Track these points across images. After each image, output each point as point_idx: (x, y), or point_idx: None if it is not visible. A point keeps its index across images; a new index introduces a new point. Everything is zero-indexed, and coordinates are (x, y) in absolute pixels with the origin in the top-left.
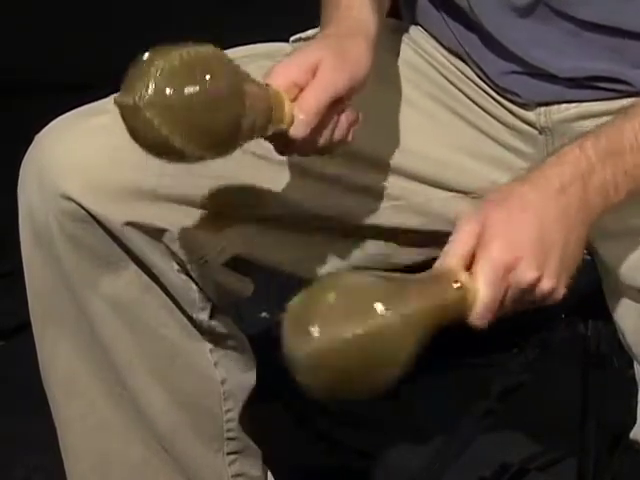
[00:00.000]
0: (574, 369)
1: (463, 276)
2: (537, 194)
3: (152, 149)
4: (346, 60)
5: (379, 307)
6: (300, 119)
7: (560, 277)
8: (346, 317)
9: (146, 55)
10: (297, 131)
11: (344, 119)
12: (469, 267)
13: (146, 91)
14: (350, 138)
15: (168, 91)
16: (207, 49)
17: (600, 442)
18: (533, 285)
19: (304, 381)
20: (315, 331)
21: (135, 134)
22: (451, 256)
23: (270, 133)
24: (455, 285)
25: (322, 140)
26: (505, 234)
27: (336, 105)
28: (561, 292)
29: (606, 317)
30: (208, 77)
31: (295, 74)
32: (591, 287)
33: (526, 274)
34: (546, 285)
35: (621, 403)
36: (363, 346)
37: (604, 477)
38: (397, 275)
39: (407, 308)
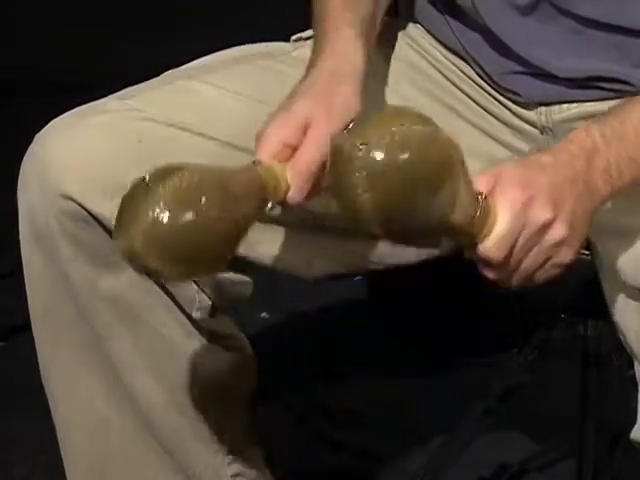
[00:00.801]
0: (574, 369)
1: (483, 202)
2: (548, 158)
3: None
4: (335, 112)
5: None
6: (296, 185)
7: (573, 228)
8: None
9: (132, 192)
10: (295, 197)
11: None
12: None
13: (140, 235)
14: None
15: (161, 233)
16: (190, 175)
17: (600, 442)
18: (547, 225)
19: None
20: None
21: (135, 269)
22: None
23: (269, 209)
24: (480, 197)
25: (319, 190)
26: (520, 178)
27: None
28: (572, 249)
29: (606, 317)
30: (199, 208)
31: (286, 136)
32: (591, 287)
33: (541, 213)
34: (559, 231)
35: (621, 403)
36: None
37: (604, 477)
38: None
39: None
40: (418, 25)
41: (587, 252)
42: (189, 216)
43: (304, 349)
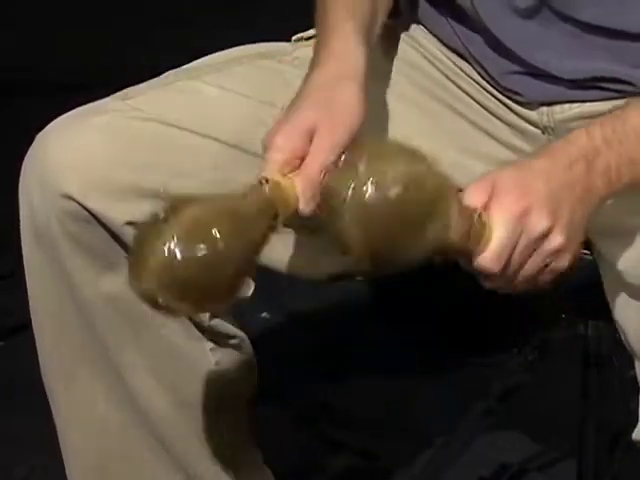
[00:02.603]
0: (574, 369)
1: (479, 215)
2: (546, 163)
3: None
4: (340, 115)
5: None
6: (306, 196)
7: (570, 236)
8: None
9: (141, 233)
10: (306, 208)
11: None
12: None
13: (156, 279)
14: None
15: (176, 275)
16: (194, 210)
17: (600, 442)
18: (545, 235)
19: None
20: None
21: (153, 308)
22: (467, 200)
23: (281, 224)
24: (474, 219)
25: None
26: (516, 187)
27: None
28: (570, 254)
29: (606, 317)
30: (210, 242)
31: (292, 146)
32: (591, 287)
33: (538, 222)
34: (556, 239)
35: (621, 403)
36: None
37: (604, 477)
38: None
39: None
40: (420, 25)
41: (587, 252)
42: (203, 251)
43: (304, 349)
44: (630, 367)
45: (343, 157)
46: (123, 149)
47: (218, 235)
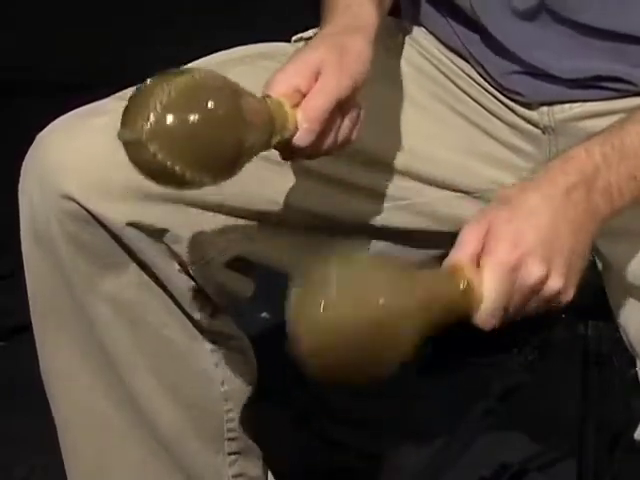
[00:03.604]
0: (574, 369)
1: (470, 275)
2: (542, 197)
3: (157, 179)
4: (347, 60)
5: (381, 300)
6: (304, 128)
7: (568, 276)
8: (351, 303)
9: (143, 86)
10: (302, 140)
11: (347, 119)
12: (476, 268)
13: (147, 125)
14: (354, 137)
15: (169, 123)
16: (203, 74)
17: (600, 442)
18: (541, 283)
19: (307, 361)
20: (319, 314)
21: (139, 166)
22: (458, 256)
23: (274, 144)
24: (462, 283)
25: (327, 143)
26: (510, 235)
27: (339, 107)
28: (570, 293)
29: (606, 317)
30: (208, 104)
31: (297, 80)
32: (591, 287)
33: (533, 271)
34: (554, 284)
35: (621, 403)
36: (363, 333)
37: (604, 477)
38: (406, 265)
39: (410, 301)
40: (420, 27)
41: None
42: (196, 113)
43: None
44: (630, 367)
45: (304, 279)
46: (123, 150)
47: (213, 102)
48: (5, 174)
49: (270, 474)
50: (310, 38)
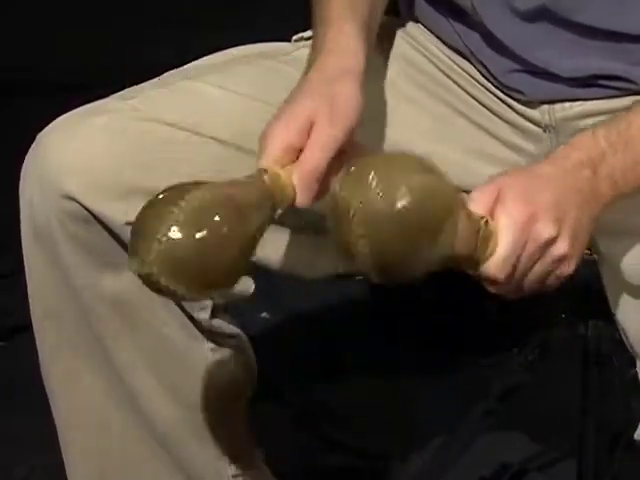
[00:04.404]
0: (574, 369)
1: (485, 222)
2: (550, 168)
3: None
4: (339, 109)
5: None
6: (302, 187)
7: (575, 243)
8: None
9: (145, 215)
10: (302, 200)
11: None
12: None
13: (156, 259)
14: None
15: (178, 256)
16: (199, 194)
17: (600, 442)
18: (550, 242)
19: (358, 242)
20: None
21: (152, 290)
22: (473, 207)
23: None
24: (482, 221)
25: (327, 190)
26: (522, 194)
27: (335, 157)
28: (573, 263)
29: (606, 317)
30: (213, 226)
31: (290, 138)
32: (591, 287)
33: (544, 229)
34: (561, 246)
35: (621, 403)
36: (416, 220)
37: (604, 477)
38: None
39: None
40: (419, 24)
41: (589, 252)
42: (203, 236)
43: (304, 349)
44: (630, 367)
45: (352, 168)
46: (123, 149)
47: (217, 219)
48: (5, 174)
49: (270, 474)
50: (310, 38)
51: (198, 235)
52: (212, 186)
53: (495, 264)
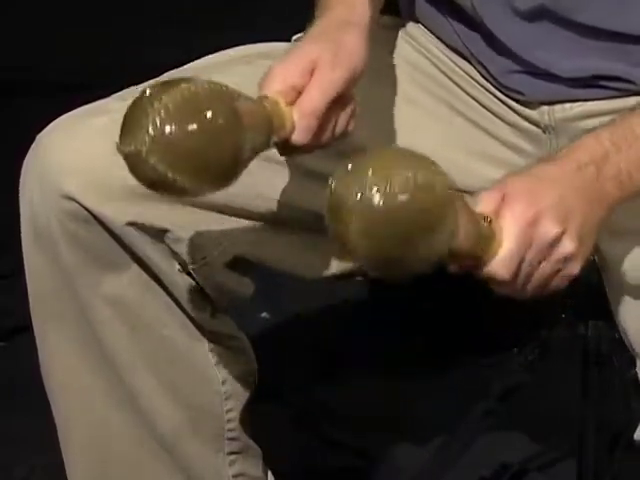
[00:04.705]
0: (574, 369)
1: (491, 221)
2: (555, 169)
3: (158, 190)
4: (342, 55)
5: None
6: (301, 125)
7: (580, 242)
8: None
9: (140, 98)
10: (299, 137)
11: (343, 112)
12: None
13: (147, 138)
14: (351, 129)
15: (169, 135)
16: (199, 83)
17: (600, 442)
18: (555, 241)
19: (356, 242)
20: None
21: (139, 178)
22: (478, 207)
23: (272, 144)
24: (486, 219)
25: (324, 137)
26: (527, 195)
27: (335, 102)
28: (579, 263)
29: (606, 317)
30: (205, 113)
31: (292, 77)
32: (591, 287)
33: (549, 229)
34: (567, 246)
35: (621, 403)
36: (411, 216)
37: (604, 477)
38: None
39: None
40: (420, 25)
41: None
42: (194, 121)
43: (304, 349)
44: (630, 367)
45: (350, 165)
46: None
47: (211, 111)
48: (5, 174)
49: (270, 474)
50: None
51: (188, 122)
52: (210, 82)
53: (500, 263)
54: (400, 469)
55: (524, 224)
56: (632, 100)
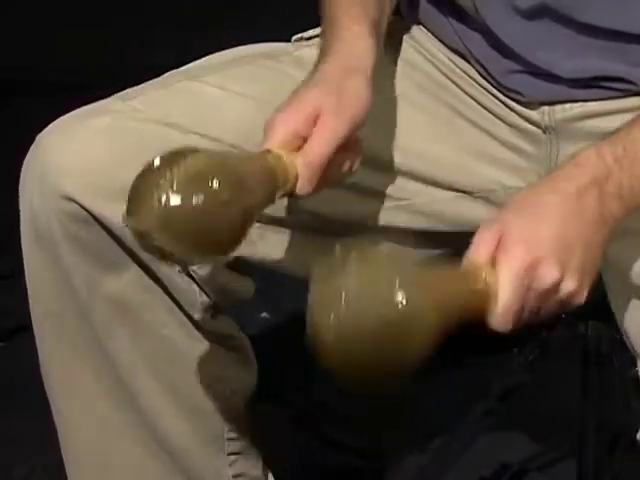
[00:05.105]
0: (574, 369)
1: (487, 274)
2: (554, 199)
3: (165, 261)
4: (345, 103)
5: (399, 296)
6: (305, 176)
7: (582, 279)
8: (368, 302)
9: (145, 175)
10: (304, 188)
11: (347, 157)
12: (492, 268)
13: (154, 217)
14: (354, 169)
15: (176, 215)
16: (203, 157)
17: (600, 442)
18: (555, 285)
19: (328, 365)
20: (335, 317)
21: (149, 252)
22: (474, 256)
23: (277, 198)
24: (479, 282)
25: (328, 182)
26: (524, 237)
27: (340, 148)
28: (583, 295)
29: (606, 317)
30: (212, 189)
31: (296, 125)
32: (592, 287)
33: (548, 274)
34: (569, 285)
35: (621, 403)
36: (380, 332)
37: (604, 477)
38: (422, 261)
39: (427, 301)
40: (421, 26)
41: None
42: (200, 198)
43: (304, 349)
44: (630, 367)
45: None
46: (123, 150)
47: (215, 185)
48: (5, 174)
49: (270, 474)
50: (310, 38)
51: (194, 198)
52: (213, 152)
53: (499, 315)
54: (400, 469)
55: (522, 271)
56: (632, 101)
